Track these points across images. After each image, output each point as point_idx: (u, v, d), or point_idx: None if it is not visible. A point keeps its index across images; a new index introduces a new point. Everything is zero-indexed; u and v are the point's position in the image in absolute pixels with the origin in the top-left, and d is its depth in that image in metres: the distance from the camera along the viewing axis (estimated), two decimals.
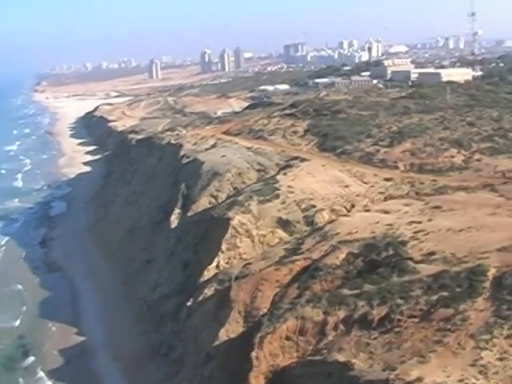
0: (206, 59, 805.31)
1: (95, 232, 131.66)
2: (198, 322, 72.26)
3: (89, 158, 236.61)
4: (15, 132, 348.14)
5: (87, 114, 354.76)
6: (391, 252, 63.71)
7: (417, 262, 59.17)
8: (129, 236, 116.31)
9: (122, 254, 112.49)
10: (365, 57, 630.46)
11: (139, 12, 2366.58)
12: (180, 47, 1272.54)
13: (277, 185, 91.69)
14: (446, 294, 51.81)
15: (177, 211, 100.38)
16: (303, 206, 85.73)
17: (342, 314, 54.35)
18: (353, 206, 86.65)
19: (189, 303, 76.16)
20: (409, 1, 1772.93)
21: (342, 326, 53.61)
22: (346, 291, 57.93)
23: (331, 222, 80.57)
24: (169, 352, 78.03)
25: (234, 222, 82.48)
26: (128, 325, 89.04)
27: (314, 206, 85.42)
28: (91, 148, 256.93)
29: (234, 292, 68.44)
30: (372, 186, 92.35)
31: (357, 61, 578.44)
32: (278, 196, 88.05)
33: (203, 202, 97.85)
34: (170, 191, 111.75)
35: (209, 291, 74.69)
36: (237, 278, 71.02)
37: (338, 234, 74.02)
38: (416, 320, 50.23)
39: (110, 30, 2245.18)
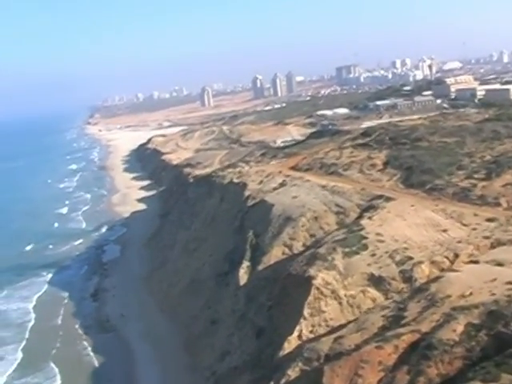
0: (258, 85, 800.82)
1: (152, 282, 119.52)
2: None
3: (143, 193, 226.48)
4: (67, 168, 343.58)
5: (140, 146, 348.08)
6: None
7: None
8: (190, 289, 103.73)
9: (183, 311, 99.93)
10: (419, 75, 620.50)
11: (188, 40, 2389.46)
12: (230, 74, 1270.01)
13: (363, 232, 77.62)
14: None
15: (245, 264, 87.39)
16: (397, 257, 71.19)
17: None
18: (456, 255, 71.60)
19: None
20: (458, 16, 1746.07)
21: None
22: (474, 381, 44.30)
23: (435, 279, 65.89)
24: None
25: (318, 282, 68.48)
26: None
27: (410, 258, 70.81)
28: (145, 183, 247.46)
29: (327, 379, 54.38)
30: (474, 229, 77.10)
31: (411, 79, 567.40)
32: (366, 246, 73.91)
33: (276, 253, 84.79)
34: (235, 238, 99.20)
35: (293, 372, 60.57)
36: (328, 358, 57.14)
37: (449, 297, 59.45)
38: None
39: (160, 60, 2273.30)
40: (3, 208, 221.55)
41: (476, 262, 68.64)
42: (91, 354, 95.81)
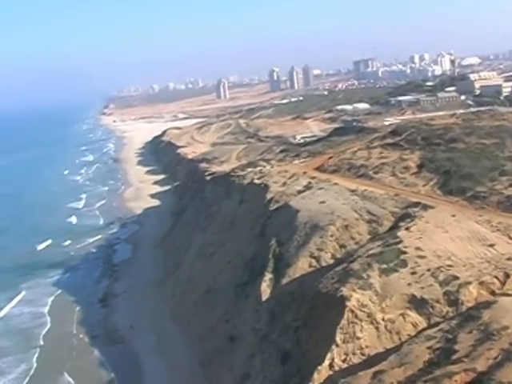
0: (275, 77, 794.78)
1: (165, 288, 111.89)
2: None
3: (157, 188, 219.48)
4: (80, 160, 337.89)
5: (155, 138, 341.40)
6: None
7: None
8: (206, 299, 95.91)
9: (199, 323, 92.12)
10: (438, 70, 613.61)
11: (204, 32, 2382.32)
12: (246, 66, 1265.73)
13: (401, 245, 69.26)
14: None
15: (268, 276, 79.11)
16: (441, 277, 62.70)
17: None
18: (507, 275, 63.22)
19: None
20: (475, 13, 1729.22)
21: None
22: None
23: (486, 304, 57.47)
24: None
25: (352, 303, 60.09)
26: None
27: (455, 278, 62.26)
28: (159, 177, 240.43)
29: None
30: None
31: (430, 74, 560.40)
32: (405, 263, 65.48)
33: (302, 265, 76.62)
34: (256, 245, 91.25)
35: None
36: None
37: (506, 328, 51.22)
38: None
39: (176, 51, 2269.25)
40: (18, 202, 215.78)
41: None
42: (97, 369, 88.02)
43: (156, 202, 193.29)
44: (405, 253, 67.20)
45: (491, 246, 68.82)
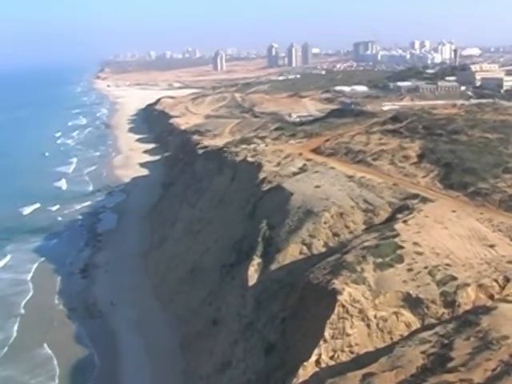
0: (273, 53, 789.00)
1: (148, 262, 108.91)
2: None
3: (147, 157, 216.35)
4: (70, 124, 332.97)
5: (148, 106, 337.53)
6: None
7: None
8: (190, 277, 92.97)
9: (181, 302, 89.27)
10: (437, 58, 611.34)
11: (206, 1, 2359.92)
12: (245, 39, 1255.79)
13: (398, 239, 65.97)
14: None
15: (256, 261, 75.91)
16: (438, 276, 59.43)
17: None
18: (507, 280, 60.01)
19: None
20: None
21: None
22: None
23: (485, 309, 54.39)
24: None
25: (344, 298, 56.77)
26: None
27: (454, 278, 58.99)
28: (150, 146, 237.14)
29: None
30: None
31: (429, 62, 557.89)
32: (402, 258, 62.15)
33: (292, 252, 73.46)
34: (245, 226, 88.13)
35: None
36: None
37: (506, 338, 48.23)
38: None
39: (176, 19, 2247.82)
40: (5, 163, 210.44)
41: None
42: (70, 345, 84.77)
43: (145, 172, 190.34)
44: (402, 247, 64.01)
45: (492, 246, 65.65)
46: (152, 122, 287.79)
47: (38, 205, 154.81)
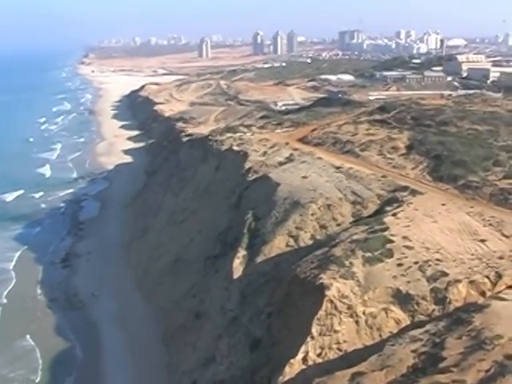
0: (259, 40, 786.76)
1: (131, 253, 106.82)
2: None
3: (130, 144, 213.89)
4: (55, 109, 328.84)
5: (132, 92, 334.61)
6: None
7: None
8: (173, 268, 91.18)
9: (164, 294, 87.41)
10: (423, 48, 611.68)
11: None
12: (231, 27, 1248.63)
13: (387, 233, 64.30)
14: None
15: (241, 253, 74.08)
16: (429, 271, 57.76)
17: None
18: (499, 276, 58.34)
19: None
20: None
21: None
22: None
23: (478, 307, 52.65)
24: None
25: (332, 293, 55.03)
26: None
27: (444, 274, 57.31)
28: (134, 133, 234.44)
29: None
30: None
31: (415, 52, 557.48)
32: (391, 253, 60.44)
33: (278, 244, 71.70)
34: (230, 216, 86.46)
35: None
36: None
37: (500, 337, 46.60)
38: None
39: (161, 5, 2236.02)
40: None
41: None
42: (51, 337, 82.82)
43: (128, 159, 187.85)
44: (391, 241, 62.38)
45: (482, 241, 64.09)
46: (136, 108, 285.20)
47: (21, 191, 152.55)
